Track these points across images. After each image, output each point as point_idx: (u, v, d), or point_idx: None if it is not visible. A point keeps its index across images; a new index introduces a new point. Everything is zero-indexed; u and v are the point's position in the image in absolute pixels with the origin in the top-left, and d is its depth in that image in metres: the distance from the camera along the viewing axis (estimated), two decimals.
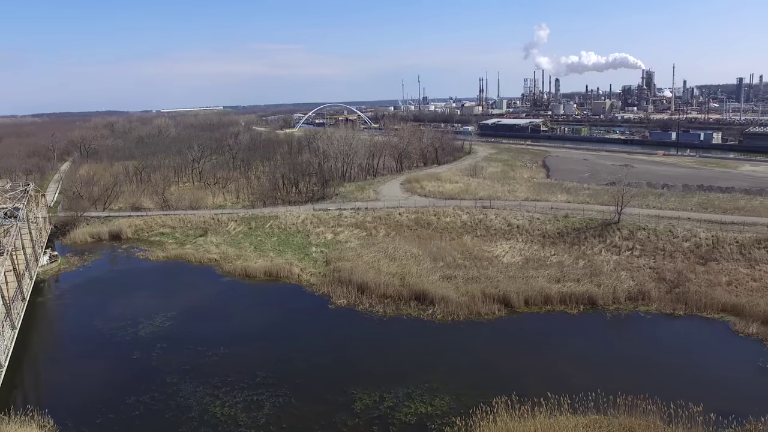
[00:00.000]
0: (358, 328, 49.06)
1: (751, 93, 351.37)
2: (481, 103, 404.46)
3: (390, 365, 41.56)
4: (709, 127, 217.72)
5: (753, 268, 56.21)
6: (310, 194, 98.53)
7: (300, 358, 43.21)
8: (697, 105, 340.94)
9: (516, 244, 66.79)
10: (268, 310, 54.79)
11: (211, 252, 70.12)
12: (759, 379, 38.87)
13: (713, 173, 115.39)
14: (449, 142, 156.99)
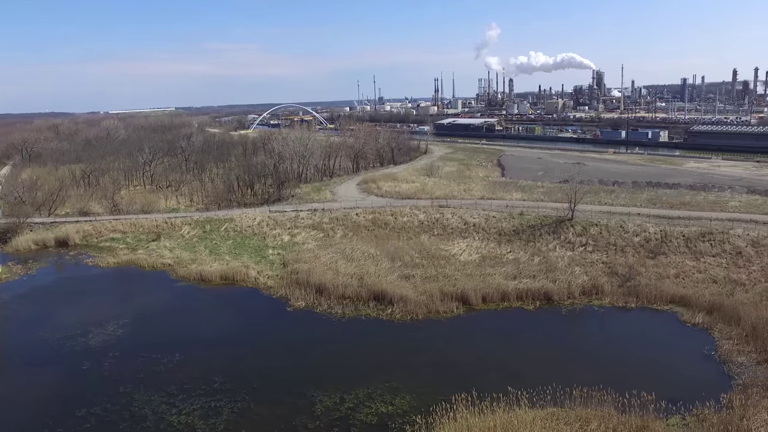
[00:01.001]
0: (317, 330, 48.64)
1: (694, 93, 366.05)
2: (436, 103, 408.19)
3: (350, 366, 41.37)
4: (657, 125, 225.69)
5: (698, 260, 58.41)
6: (265, 196, 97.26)
7: (258, 362, 42.54)
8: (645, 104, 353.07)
9: (473, 242, 67.53)
10: (224, 314, 53.74)
11: (165, 257, 68.37)
12: (705, 366, 40.42)
13: (661, 170, 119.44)
14: (405, 142, 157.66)
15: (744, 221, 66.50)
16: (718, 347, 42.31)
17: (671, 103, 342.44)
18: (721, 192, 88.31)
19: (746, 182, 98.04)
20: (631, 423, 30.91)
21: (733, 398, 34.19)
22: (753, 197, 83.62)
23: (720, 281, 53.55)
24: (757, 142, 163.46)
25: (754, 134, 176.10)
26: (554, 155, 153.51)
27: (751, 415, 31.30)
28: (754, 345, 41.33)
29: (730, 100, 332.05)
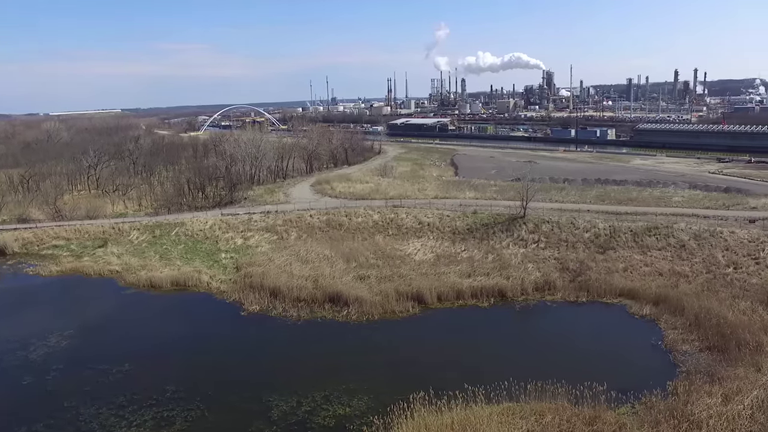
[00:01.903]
0: (272, 334, 47.91)
1: (639, 92, 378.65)
2: (389, 104, 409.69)
3: (306, 369, 40.82)
4: (604, 124, 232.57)
5: (645, 254, 60.33)
6: (217, 199, 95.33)
7: (212, 369, 41.45)
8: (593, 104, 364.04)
9: (427, 241, 67.87)
10: (176, 321, 52.29)
11: (112, 263, 66.00)
12: (652, 355, 41.78)
13: (609, 167, 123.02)
14: (359, 142, 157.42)
15: (687, 216, 69.12)
16: (664, 337, 43.84)
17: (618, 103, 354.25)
18: (666, 188, 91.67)
19: (688, 178, 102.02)
20: (584, 414, 31.60)
21: (678, 385, 35.49)
22: (694, 192, 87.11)
23: (665, 274, 55.44)
24: (697, 140, 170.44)
25: (694, 132, 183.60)
26: (506, 154, 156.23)
27: (695, 401, 32.56)
28: (697, 334, 42.99)
29: (673, 100, 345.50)
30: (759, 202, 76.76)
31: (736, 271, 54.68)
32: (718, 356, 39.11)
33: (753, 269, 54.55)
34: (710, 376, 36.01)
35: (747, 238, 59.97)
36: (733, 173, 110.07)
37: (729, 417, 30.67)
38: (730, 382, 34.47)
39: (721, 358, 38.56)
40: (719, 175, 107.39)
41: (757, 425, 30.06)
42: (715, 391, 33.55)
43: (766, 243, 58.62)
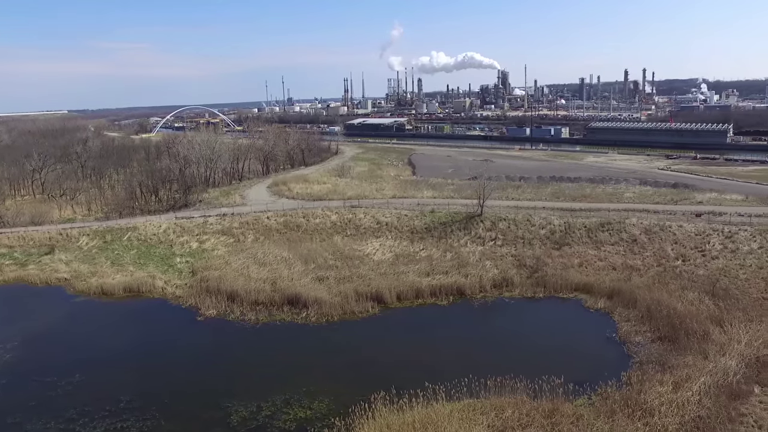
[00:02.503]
0: (229, 338, 46.94)
1: (591, 91, 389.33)
2: (346, 104, 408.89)
3: (266, 373, 40.21)
4: (558, 122, 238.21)
5: (599, 249, 61.82)
6: (171, 202, 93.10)
7: (168, 376, 40.45)
8: (547, 103, 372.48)
9: (386, 241, 67.87)
10: (130, 328, 50.61)
11: (60, 271, 63.49)
12: (607, 347, 42.82)
13: (563, 165, 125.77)
14: (316, 142, 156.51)
15: (638, 211, 71.21)
16: (618, 329, 45.01)
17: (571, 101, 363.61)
18: (618, 184, 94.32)
19: (639, 174, 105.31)
20: (543, 407, 32.16)
21: (631, 375, 36.64)
22: (645, 188, 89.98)
23: (618, 268, 56.94)
24: (646, 137, 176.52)
25: (643, 130, 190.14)
26: (463, 153, 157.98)
27: (648, 389, 33.68)
28: (648, 325, 44.32)
29: (623, 99, 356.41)
30: (704, 197, 79.84)
31: (685, 263, 56.62)
32: (668, 346, 40.42)
33: (700, 261, 56.60)
34: (661, 365, 37.22)
35: (694, 232, 62.19)
36: (680, 169, 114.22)
37: (679, 403, 31.89)
38: (679, 370, 35.72)
39: (672, 348, 39.88)
40: (668, 172, 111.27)
41: (705, 410, 31.41)
42: (666, 379, 34.72)
43: (711, 236, 60.91)
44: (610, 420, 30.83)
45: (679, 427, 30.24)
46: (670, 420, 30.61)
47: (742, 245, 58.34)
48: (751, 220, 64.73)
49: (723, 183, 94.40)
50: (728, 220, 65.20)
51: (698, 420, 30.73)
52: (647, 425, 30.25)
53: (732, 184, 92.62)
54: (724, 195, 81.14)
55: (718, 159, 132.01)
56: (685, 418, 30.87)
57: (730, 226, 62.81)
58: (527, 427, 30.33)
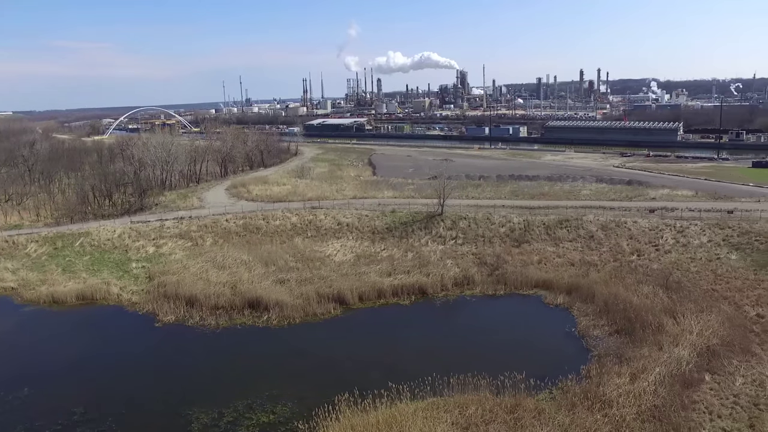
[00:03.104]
0: (189, 344, 45.85)
1: (548, 91, 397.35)
2: (305, 104, 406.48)
3: (227, 378, 39.45)
4: (516, 122, 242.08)
5: (557, 246, 62.98)
6: (126, 206, 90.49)
7: (125, 386, 39.14)
8: (506, 102, 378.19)
9: (347, 242, 67.58)
10: (84, 337, 48.83)
11: (6, 280, 60.75)
12: (567, 341, 43.66)
13: (521, 163, 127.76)
14: (275, 144, 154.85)
15: (594, 208, 72.92)
16: (577, 324, 45.93)
17: (529, 101, 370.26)
18: (575, 182, 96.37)
19: (595, 172, 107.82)
20: (506, 403, 32.51)
21: (591, 368, 37.47)
22: (601, 185, 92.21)
23: (576, 264, 58.10)
24: (602, 136, 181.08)
25: (599, 128, 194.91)
26: (423, 153, 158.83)
27: (606, 382, 34.49)
28: (606, 319, 45.35)
29: (579, 98, 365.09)
30: (657, 193, 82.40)
31: (640, 258, 58.21)
32: (625, 338, 41.45)
33: (654, 255, 58.28)
34: (619, 357, 38.15)
35: (648, 227, 64.03)
36: (634, 167, 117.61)
37: (636, 394, 32.84)
38: (636, 362, 36.72)
39: (628, 340, 40.91)
40: (622, 169, 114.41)
41: (660, 399, 32.46)
42: (623, 371, 35.62)
43: (664, 231, 62.82)
44: (570, 413, 31.37)
45: (636, 416, 31.04)
46: (627, 410, 31.38)
47: (693, 239, 60.36)
48: (700, 215, 67.08)
49: (674, 180, 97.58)
50: (680, 216, 67.41)
51: (654, 409, 31.63)
52: (606, 416, 30.92)
53: (683, 181, 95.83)
54: (675, 191, 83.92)
55: (669, 156, 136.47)
56: (641, 407, 31.73)
57: (682, 221, 64.94)
58: (490, 423, 30.58)
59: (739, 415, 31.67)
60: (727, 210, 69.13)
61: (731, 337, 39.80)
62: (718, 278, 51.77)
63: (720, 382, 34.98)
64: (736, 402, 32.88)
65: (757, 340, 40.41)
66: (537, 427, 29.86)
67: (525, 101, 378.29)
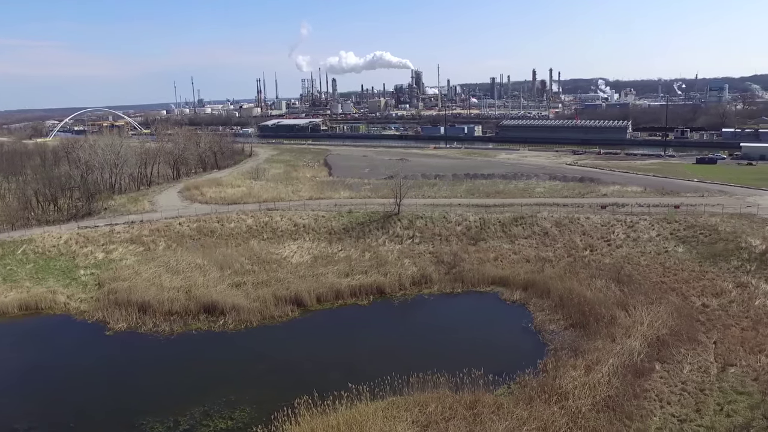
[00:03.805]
0: (142, 352, 44.46)
1: (502, 91, 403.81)
2: (260, 105, 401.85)
3: (183, 385, 38.49)
4: (471, 121, 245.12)
5: (513, 243, 63.92)
6: (73, 211, 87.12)
7: (74, 398, 37.64)
8: (460, 102, 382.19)
9: (304, 243, 66.96)
10: (29, 349, 46.57)
11: None
12: (523, 337, 44.33)
13: (477, 162, 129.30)
14: (229, 145, 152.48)
15: (548, 205, 74.44)
16: (534, 319, 46.73)
17: (483, 100, 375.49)
18: (529, 180, 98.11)
19: (548, 170, 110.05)
20: (465, 399, 32.78)
21: (547, 362, 38.21)
22: (554, 183, 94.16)
23: (532, 260, 59.11)
24: (554, 134, 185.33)
25: (552, 127, 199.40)
26: (379, 153, 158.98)
27: (562, 375, 35.27)
28: (561, 313, 46.30)
29: (532, 97, 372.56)
30: (608, 190, 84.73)
31: (592, 253, 59.66)
32: (580, 332, 42.37)
33: (606, 250, 59.84)
34: (574, 350, 38.97)
35: (600, 223, 65.72)
36: (586, 164, 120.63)
37: (591, 385, 33.66)
38: (590, 354, 37.60)
39: (583, 333, 41.84)
40: (575, 167, 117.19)
41: (613, 389, 33.43)
42: (578, 363, 36.41)
43: (615, 226, 64.59)
44: (528, 406, 31.82)
45: (592, 407, 31.74)
46: (583, 402, 32.07)
47: (643, 234, 62.27)
48: (649, 210, 69.33)
49: (624, 176, 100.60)
50: (630, 211, 69.52)
51: (608, 399, 32.44)
52: (563, 408, 31.50)
53: (632, 177, 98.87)
54: (625, 187, 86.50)
55: (619, 154, 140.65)
56: (596, 398, 32.49)
57: (632, 216, 66.96)
58: (450, 420, 30.72)
59: (687, 401, 32.86)
60: (674, 205, 71.67)
61: (679, 327, 41.24)
62: (666, 271, 53.56)
63: (669, 371, 36.19)
64: (684, 389, 34.10)
65: (702, 329, 42.01)
66: (496, 422, 30.14)
67: (479, 101, 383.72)
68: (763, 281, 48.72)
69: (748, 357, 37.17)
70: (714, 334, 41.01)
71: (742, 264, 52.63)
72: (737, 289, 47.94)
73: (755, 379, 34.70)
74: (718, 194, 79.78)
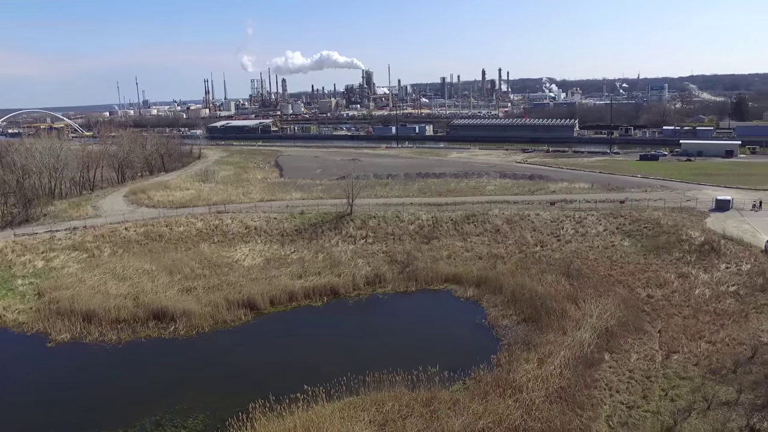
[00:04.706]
0: (87, 363, 42.69)
1: (452, 90, 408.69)
2: (208, 106, 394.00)
3: (132, 395, 37.09)
4: (423, 120, 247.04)
5: (465, 240, 64.62)
6: (8, 218, 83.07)
7: (12, 414, 35.76)
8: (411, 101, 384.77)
9: (255, 245, 65.89)
10: None
11: None
12: (478, 333, 44.88)
13: (428, 161, 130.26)
14: (176, 147, 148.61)
15: (499, 202, 75.64)
16: (487, 315, 47.36)
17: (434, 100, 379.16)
18: (480, 178, 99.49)
19: (499, 168, 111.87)
20: (421, 396, 32.91)
21: (501, 357, 38.81)
22: (504, 181, 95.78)
23: (484, 257, 59.88)
24: (504, 133, 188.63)
25: (501, 126, 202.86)
26: (331, 153, 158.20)
27: (516, 368, 35.90)
28: (514, 308, 47.10)
29: (482, 97, 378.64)
30: (557, 186, 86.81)
31: (543, 248, 60.92)
32: (532, 326, 43.19)
33: (556, 246, 61.21)
34: (527, 344, 39.67)
35: (549, 219, 67.20)
36: (535, 162, 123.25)
37: (543, 377, 34.40)
38: (542, 347, 38.38)
39: (535, 327, 42.66)
40: (524, 165, 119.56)
41: (565, 380, 34.27)
42: (531, 357, 37.10)
43: (564, 222, 66.18)
44: (484, 401, 32.16)
45: (545, 398, 32.36)
46: (536, 394, 32.66)
47: (590, 229, 64.01)
48: (596, 206, 71.35)
49: (572, 173, 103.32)
50: (578, 207, 71.40)
51: (561, 390, 33.15)
52: (517, 401, 31.99)
53: (580, 174, 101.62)
54: (573, 184, 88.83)
55: (567, 151, 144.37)
56: (549, 390, 33.15)
57: (580, 212, 68.78)
58: (407, 418, 30.73)
59: (634, 389, 33.98)
60: (620, 200, 74.02)
61: (626, 318, 42.59)
62: (613, 264, 55.22)
63: (617, 360, 37.31)
64: (632, 377, 35.27)
65: (648, 319, 43.53)
66: (452, 418, 30.34)
67: (430, 100, 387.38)
68: (702, 271, 50.85)
69: (689, 344, 38.74)
70: (658, 324, 42.54)
71: (683, 255, 54.75)
72: (679, 280, 49.88)
73: (696, 364, 36.22)
74: (660, 189, 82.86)
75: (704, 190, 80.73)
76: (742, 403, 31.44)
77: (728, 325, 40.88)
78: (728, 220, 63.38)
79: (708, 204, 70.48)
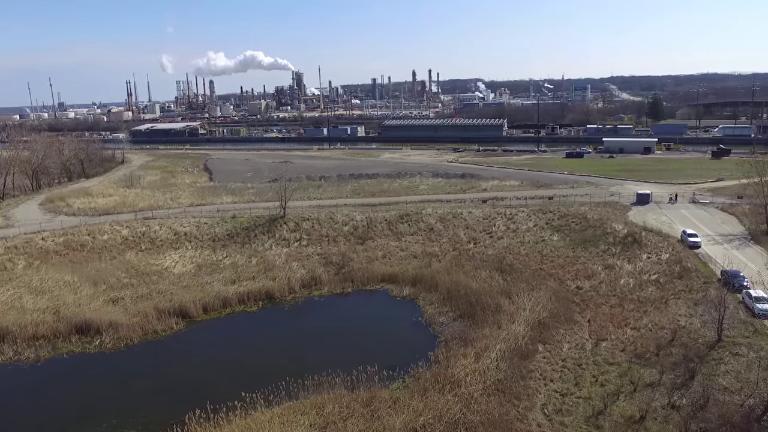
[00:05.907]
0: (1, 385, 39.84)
1: (383, 91, 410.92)
2: (131, 108, 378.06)
3: (54, 416, 34.88)
4: (354, 122, 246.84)
5: (400, 240, 64.97)
6: None
7: None
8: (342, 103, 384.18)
9: (186, 252, 63.72)
10: None
11: None
12: (415, 331, 45.20)
13: (361, 162, 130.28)
14: (97, 152, 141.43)
15: (432, 201, 76.59)
16: (424, 313, 47.78)
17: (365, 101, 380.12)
18: (413, 178, 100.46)
19: (431, 168, 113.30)
20: (361, 397, 32.75)
21: (439, 353, 39.17)
22: (437, 180, 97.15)
23: (419, 256, 60.39)
24: (435, 133, 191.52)
25: (433, 126, 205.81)
26: (262, 156, 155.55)
27: (454, 364, 36.36)
28: (450, 305, 47.76)
29: (413, 98, 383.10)
30: (488, 184, 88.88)
31: (476, 245, 62.09)
32: (468, 322, 43.92)
33: (488, 242, 62.55)
34: (464, 340, 40.25)
35: (481, 216, 68.62)
36: (466, 161, 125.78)
37: (481, 371, 35.05)
38: (479, 342, 39.09)
39: (471, 323, 43.40)
40: (456, 164, 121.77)
41: (502, 373, 35.12)
42: (468, 352, 37.67)
43: (496, 219, 67.76)
44: (423, 397, 32.34)
45: (483, 391, 32.94)
46: (475, 387, 33.19)
47: (521, 225, 65.85)
48: (526, 202, 73.48)
49: (502, 171, 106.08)
50: (509, 204, 73.29)
51: (498, 383, 33.86)
52: (456, 396, 32.39)
53: (510, 172, 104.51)
54: (504, 182, 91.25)
55: (497, 150, 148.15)
56: (487, 383, 33.78)
57: (511, 208, 70.63)
58: (348, 419, 30.47)
59: (567, 377, 35.17)
60: (548, 196, 76.57)
61: (557, 310, 44.03)
62: (544, 258, 57.01)
63: (551, 350, 38.48)
64: (564, 366, 36.48)
65: (577, 310, 45.17)
66: (393, 416, 30.31)
67: (361, 101, 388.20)
68: (626, 262, 53.30)
69: (616, 331, 40.49)
70: (588, 313, 44.23)
71: (608, 248, 57.23)
72: (605, 271, 52.08)
73: (623, 350, 37.91)
74: (585, 185, 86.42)
75: (626, 185, 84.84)
76: (664, 383, 33.19)
77: (650, 312, 43.01)
78: (648, 213, 66.89)
79: (630, 198, 74.19)
